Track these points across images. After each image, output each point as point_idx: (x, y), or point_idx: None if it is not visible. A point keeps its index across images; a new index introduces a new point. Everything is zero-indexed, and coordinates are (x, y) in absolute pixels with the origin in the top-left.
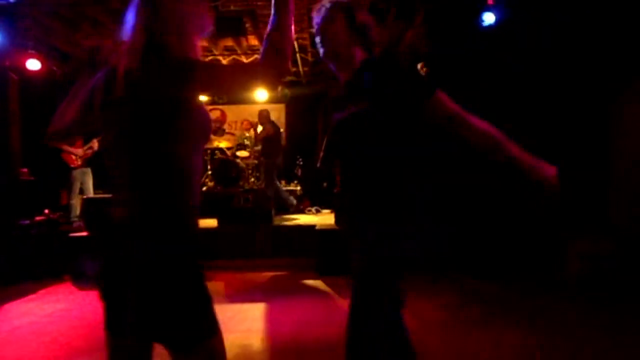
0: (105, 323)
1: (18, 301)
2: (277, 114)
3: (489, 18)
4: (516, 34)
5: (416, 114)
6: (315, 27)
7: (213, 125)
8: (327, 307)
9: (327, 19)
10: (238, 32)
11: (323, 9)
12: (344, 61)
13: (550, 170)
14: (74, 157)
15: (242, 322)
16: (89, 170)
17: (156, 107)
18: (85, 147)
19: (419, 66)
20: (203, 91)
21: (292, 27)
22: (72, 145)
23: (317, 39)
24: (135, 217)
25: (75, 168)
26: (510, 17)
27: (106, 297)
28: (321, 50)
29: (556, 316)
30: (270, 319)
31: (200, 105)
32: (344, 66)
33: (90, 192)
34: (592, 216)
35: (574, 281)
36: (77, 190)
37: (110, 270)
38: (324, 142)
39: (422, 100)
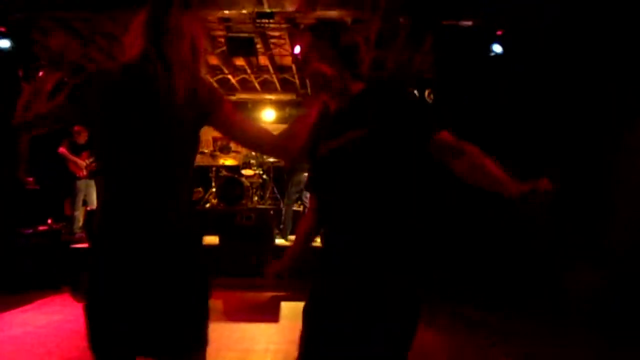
0: (94, 341)
1: (15, 311)
2: None
3: (497, 49)
4: (523, 64)
5: (422, 146)
6: (297, 56)
7: (219, 143)
8: None
9: (309, 46)
10: (249, 52)
11: (302, 36)
12: (335, 88)
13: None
14: (78, 165)
15: (241, 342)
16: (93, 182)
17: (181, 121)
18: (90, 160)
19: (425, 93)
20: (217, 128)
21: (313, 118)
22: (78, 155)
23: (301, 69)
24: (153, 225)
25: (80, 179)
26: (518, 47)
27: (99, 311)
28: (309, 81)
29: (555, 345)
30: (269, 340)
31: None
32: (335, 94)
33: (94, 204)
34: (590, 244)
35: (572, 310)
36: (80, 201)
37: (108, 281)
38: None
39: (432, 132)
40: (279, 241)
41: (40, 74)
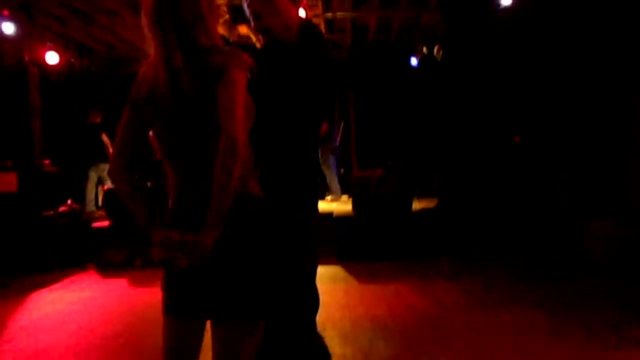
0: (165, 305)
1: (44, 290)
2: None
3: (505, 1)
4: (533, 17)
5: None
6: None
7: None
8: (346, 291)
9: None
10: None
11: None
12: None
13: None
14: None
15: None
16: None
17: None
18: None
19: (435, 49)
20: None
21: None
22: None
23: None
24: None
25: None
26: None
27: (168, 278)
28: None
29: (575, 297)
30: None
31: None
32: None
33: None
34: (611, 198)
35: (592, 262)
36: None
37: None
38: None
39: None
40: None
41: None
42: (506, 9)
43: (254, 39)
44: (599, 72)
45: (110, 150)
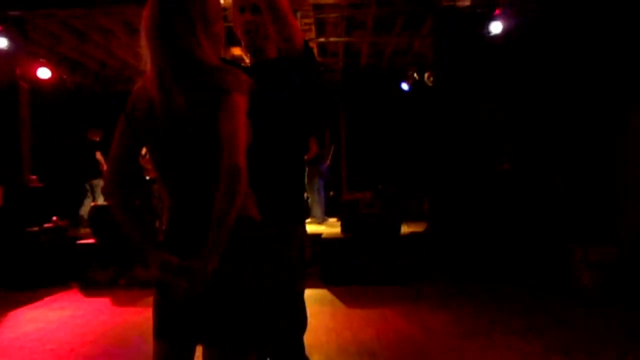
0: (157, 329)
1: (25, 307)
2: None
3: (495, 28)
4: (523, 42)
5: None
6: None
7: None
8: (333, 315)
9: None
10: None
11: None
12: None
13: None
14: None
15: None
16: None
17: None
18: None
19: (425, 75)
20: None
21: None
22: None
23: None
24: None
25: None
26: (519, 26)
27: (162, 301)
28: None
29: (564, 324)
30: None
31: None
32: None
33: (98, 201)
34: (599, 224)
35: (581, 289)
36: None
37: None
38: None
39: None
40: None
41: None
42: (496, 36)
43: (246, 59)
44: (589, 94)
45: (104, 167)
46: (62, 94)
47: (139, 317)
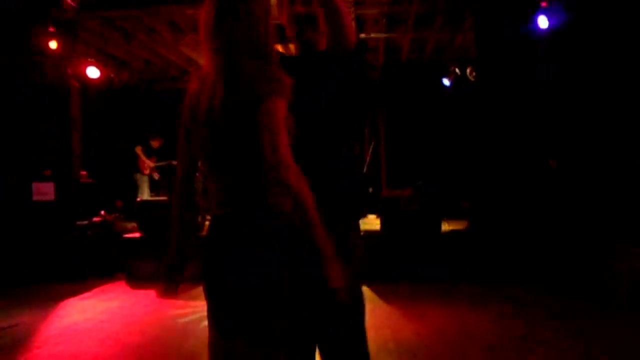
0: (216, 325)
1: (75, 298)
2: None
3: (542, 22)
4: (569, 36)
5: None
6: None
7: None
8: (372, 312)
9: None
10: (282, 40)
11: None
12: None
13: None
14: (146, 165)
15: None
16: (146, 178)
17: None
18: (155, 165)
19: (467, 70)
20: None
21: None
22: (149, 158)
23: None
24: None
25: (141, 174)
26: (566, 20)
27: (217, 296)
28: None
29: (603, 332)
30: None
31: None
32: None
33: (144, 196)
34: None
35: (622, 296)
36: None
37: (222, 270)
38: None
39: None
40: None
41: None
42: (542, 31)
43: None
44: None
45: (144, 162)
46: (110, 92)
47: (182, 309)
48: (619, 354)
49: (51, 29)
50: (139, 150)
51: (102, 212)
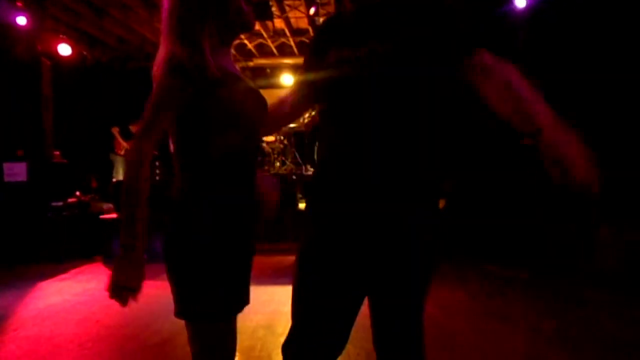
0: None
1: (51, 280)
2: None
3: (520, 3)
4: (550, 20)
5: (453, 68)
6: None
7: None
8: None
9: None
10: (265, 16)
11: None
12: None
13: (584, 169)
14: (121, 146)
15: (268, 304)
16: (121, 159)
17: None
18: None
19: None
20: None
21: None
22: (127, 140)
23: None
24: None
25: (116, 154)
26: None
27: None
28: None
29: (585, 305)
30: None
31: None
32: None
33: (119, 176)
34: (623, 203)
35: (603, 270)
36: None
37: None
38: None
39: (469, 53)
40: (302, 206)
41: None
42: (522, 11)
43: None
44: (622, 76)
45: (120, 143)
46: (83, 70)
47: (160, 290)
48: (587, 327)
49: (19, 4)
50: (115, 131)
51: (78, 193)
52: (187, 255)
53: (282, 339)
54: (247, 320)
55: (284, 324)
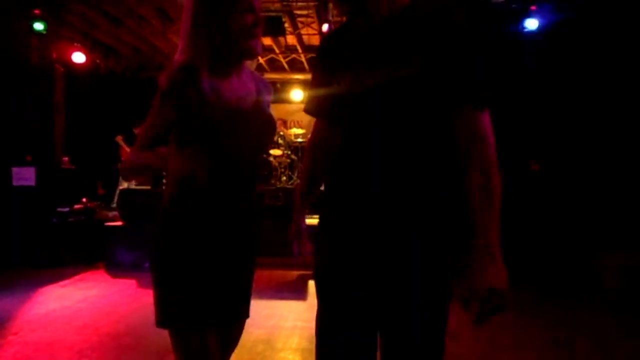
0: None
1: (53, 285)
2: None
3: (531, 24)
4: (558, 40)
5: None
6: None
7: None
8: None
9: None
10: (277, 32)
11: None
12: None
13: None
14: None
15: (269, 319)
16: None
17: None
18: None
19: None
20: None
21: None
22: (131, 145)
23: None
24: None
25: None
26: (556, 23)
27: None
28: None
29: (589, 328)
30: (297, 317)
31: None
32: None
33: (126, 185)
34: (625, 228)
35: (607, 294)
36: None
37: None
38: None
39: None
40: (309, 221)
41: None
42: (532, 33)
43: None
44: (626, 96)
45: (126, 150)
46: (96, 78)
47: None
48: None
49: (37, 11)
50: (119, 139)
51: (84, 199)
52: (163, 260)
53: (282, 355)
54: (247, 334)
55: (283, 339)
